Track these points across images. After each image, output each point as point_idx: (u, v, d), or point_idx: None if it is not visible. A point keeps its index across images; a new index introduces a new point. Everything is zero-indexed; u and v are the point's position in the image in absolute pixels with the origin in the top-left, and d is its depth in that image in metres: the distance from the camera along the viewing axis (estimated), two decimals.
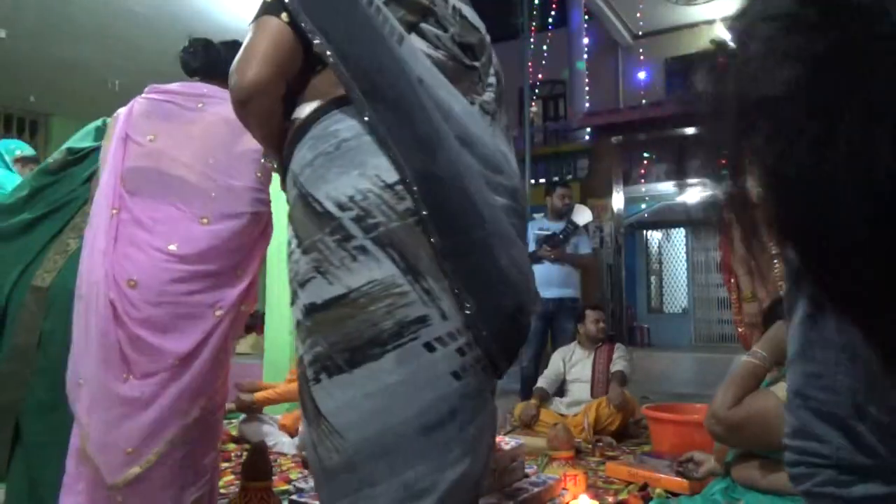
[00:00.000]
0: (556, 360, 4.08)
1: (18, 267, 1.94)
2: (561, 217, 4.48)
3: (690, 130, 0.43)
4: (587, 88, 9.58)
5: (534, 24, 8.38)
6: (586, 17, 9.72)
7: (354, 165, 1.04)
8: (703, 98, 0.40)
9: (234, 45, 1.37)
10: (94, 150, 2.07)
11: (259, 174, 1.66)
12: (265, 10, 1.08)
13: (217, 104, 1.70)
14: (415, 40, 1.13)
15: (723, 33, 0.43)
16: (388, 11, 1.10)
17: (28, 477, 1.81)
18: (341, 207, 1.03)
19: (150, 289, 1.54)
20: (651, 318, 10.56)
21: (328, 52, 1.04)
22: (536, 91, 9.96)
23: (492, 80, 1.24)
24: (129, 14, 4.29)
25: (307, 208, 1.06)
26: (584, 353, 4.03)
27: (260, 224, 1.76)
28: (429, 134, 1.05)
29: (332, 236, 1.03)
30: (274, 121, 1.13)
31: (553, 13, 9.64)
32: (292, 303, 1.11)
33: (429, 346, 1.02)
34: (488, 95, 1.21)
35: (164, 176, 1.63)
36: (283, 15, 1.05)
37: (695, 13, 9.12)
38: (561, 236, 4.38)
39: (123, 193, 1.66)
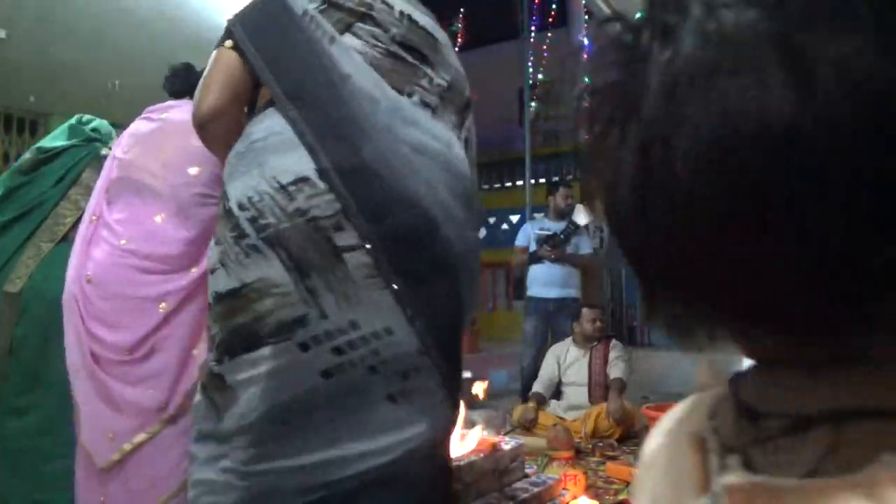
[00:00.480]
0: (550, 361, 4.03)
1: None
2: (562, 217, 4.47)
3: None
4: None
5: (534, 24, 8.38)
6: (586, 17, 9.72)
7: (255, 165, 1.13)
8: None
9: None
10: (66, 150, 2.07)
11: (216, 170, 1.69)
12: (220, 41, 1.22)
13: (176, 111, 1.83)
14: (348, 39, 1.20)
15: None
16: (323, 17, 1.19)
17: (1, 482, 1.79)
18: (240, 207, 1.12)
19: (102, 284, 1.62)
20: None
21: (256, 63, 1.15)
22: (537, 91, 9.95)
23: (441, 81, 1.28)
24: (128, 15, 4.29)
25: (221, 203, 1.17)
26: (579, 352, 3.97)
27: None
28: (353, 126, 1.12)
29: (232, 233, 1.12)
30: (231, 138, 1.23)
31: (553, 13, 9.64)
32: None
33: (303, 346, 1.07)
34: (432, 92, 1.25)
35: (133, 182, 1.73)
36: (229, 42, 1.19)
37: None
38: (562, 236, 4.36)
39: (103, 203, 1.76)
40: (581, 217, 4.47)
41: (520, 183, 6.97)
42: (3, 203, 2.03)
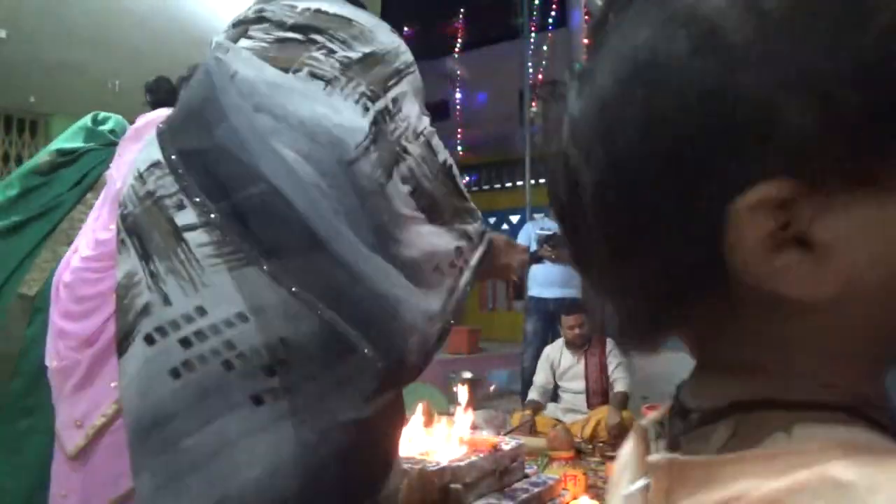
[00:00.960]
0: (545, 366, 3.97)
1: (4, 272, 1.93)
2: None
3: None
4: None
5: (534, 24, 8.38)
6: (586, 17, 9.73)
7: (135, 161, 1.13)
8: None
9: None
10: (85, 153, 2.07)
11: None
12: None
13: (151, 118, 1.89)
14: (242, 42, 1.21)
15: None
16: (225, 37, 1.23)
17: None
18: (121, 205, 1.10)
19: (72, 288, 1.73)
20: None
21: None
22: (536, 91, 9.96)
23: (350, 53, 1.22)
24: (128, 15, 4.29)
25: None
26: (573, 358, 3.89)
27: None
28: (210, 109, 1.09)
29: (117, 231, 1.10)
30: None
31: (553, 13, 9.64)
32: None
33: (149, 339, 0.97)
34: (328, 64, 1.19)
35: (113, 191, 1.81)
36: None
37: None
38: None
39: (94, 214, 1.88)
40: None
41: (520, 183, 6.97)
42: (19, 202, 2.04)
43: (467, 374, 4.63)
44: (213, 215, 0.99)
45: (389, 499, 1.10)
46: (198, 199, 1.00)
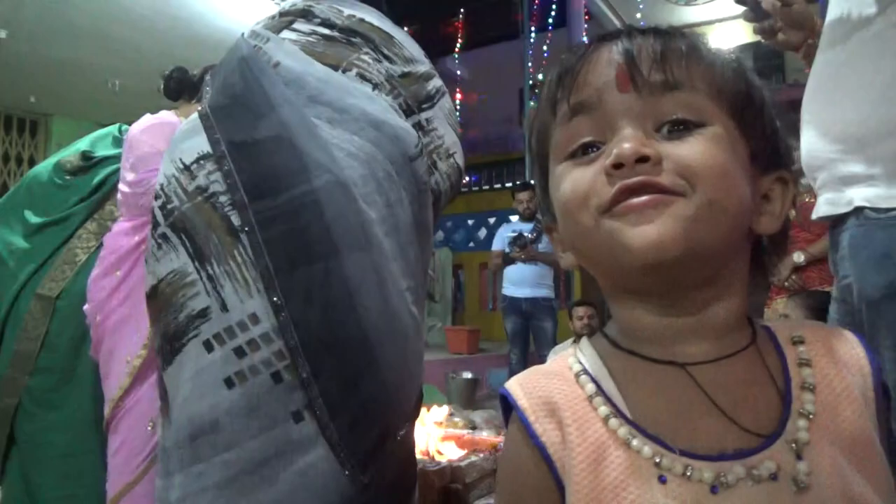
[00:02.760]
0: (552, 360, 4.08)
1: (25, 272, 1.95)
2: (532, 218, 4.56)
3: None
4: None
5: (534, 24, 8.39)
6: (586, 17, 9.73)
7: (170, 151, 1.08)
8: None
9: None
10: (110, 159, 2.11)
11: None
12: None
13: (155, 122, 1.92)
14: (286, 34, 1.20)
15: (722, 35, 0.48)
16: (263, 27, 1.21)
17: (23, 477, 1.83)
18: (156, 196, 1.04)
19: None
20: None
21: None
22: (536, 91, 9.94)
23: (392, 68, 1.23)
24: (129, 15, 4.29)
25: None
26: None
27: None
28: (258, 100, 1.06)
29: (151, 226, 1.04)
30: None
31: (553, 13, 9.64)
32: None
33: (207, 345, 0.93)
34: (375, 70, 1.20)
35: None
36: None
37: (695, 13, 9.13)
38: (530, 236, 4.45)
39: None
40: None
41: (520, 183, 6.96)
42: (43, 199, 2.08)
43: (467, 374, 4.63)
44: (249, 215, 0.95)
45: None
46: (242, 202, 0.96)
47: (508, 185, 9.36)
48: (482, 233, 8.95)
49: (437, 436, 2.36)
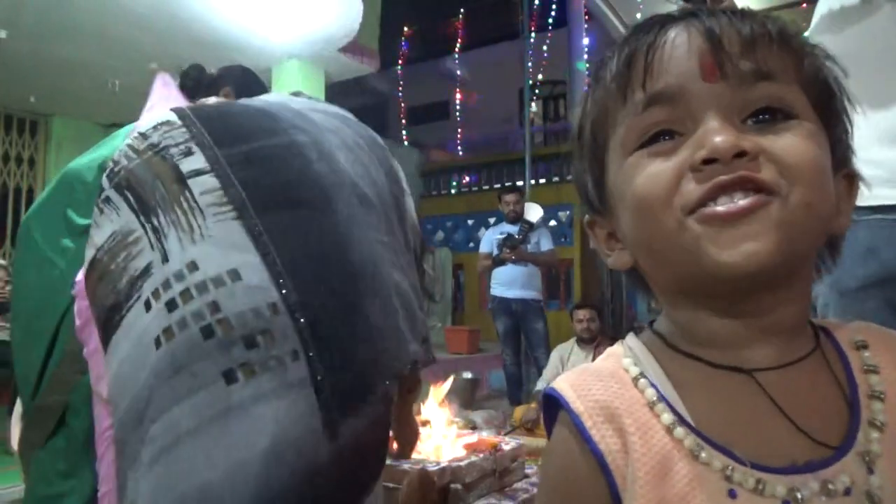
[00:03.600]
0: (555, 360, 4.08)
1: (77, 272, 1.96)
2: (517, 220, 4.58)
3: None
4: (587, 88, 9.58)
5: (534, 24, 8.38)
6: (586, 17, 9.73)
7: (133, 128, 1.02)
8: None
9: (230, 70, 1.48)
10: None
11: None
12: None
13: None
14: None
15: None
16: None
17: (68, 461, 1.86)
18: (107, 166, 0.97)
19: None
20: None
21: None
22: (536, 91, 9.97)
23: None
24: (129, 14, 4.28)
25: None
26: (582, 353, 4.01)
27: None
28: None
29: (97, 197, 0.95)
30: None
31: (553, 13, 9.64)
32: None
33: (147, 305, 0.83)
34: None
35: None
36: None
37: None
38: (518, 237, 4.46)
39: None
40: (532, 214, 4.59)
41: (520, 183, 6.97)
42: (87, 200, 2.07)
43: (467, 374, 4.64)
44: (217, 160, 0.87)
45: None
46: (206, 144, 0.88)
47: (508, 184, 9.36)
48: (482, 233, 8.96)
49: (438, 436, 2.36)
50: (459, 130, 10.88)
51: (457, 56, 11.18)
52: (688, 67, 0.43)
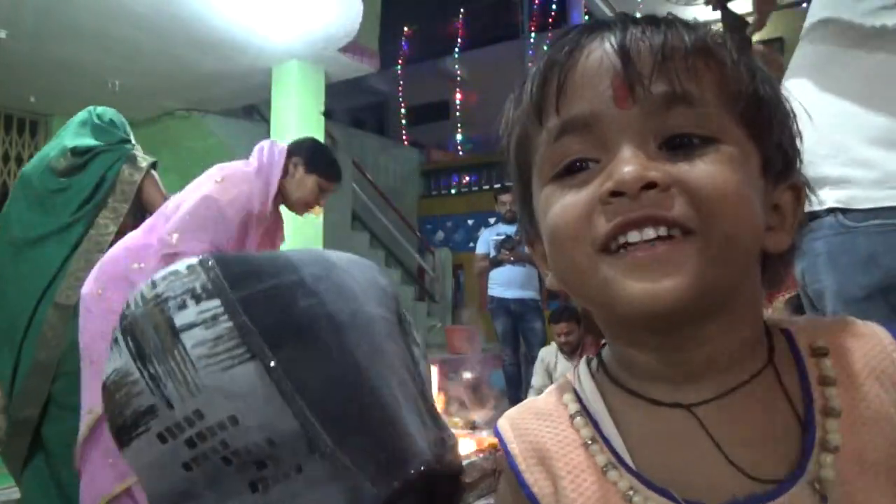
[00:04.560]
0: (540, 369, 4.02)
1: (41, 283, 1.96)
2: (513, 220, 4.59)
3: None
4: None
5: (534, 24, 8.39)
6: (586, 17, 9.73)
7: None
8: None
9: None
10: (99, 154, 2.10)
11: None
12: None
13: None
14: None
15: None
16: None
17: (54, 479, 1.86)
18: (126, 303, 1.09)
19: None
20: None
21: None
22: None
23: None
24: (129, 15, 4.28)
25: None
26: (567, 364, 3.93)
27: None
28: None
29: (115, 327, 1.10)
30: None
31: (553, 13, 9.64)
32: None
33: (161, 437, 0.96)
34: None
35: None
36: None
37: (694, 14, 9.13)
38: (517, 237, 4.48)
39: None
40: None
41: (502, 185, 6.98)
42: (40, 206, 2.08)
43: (467, 375, 4.64)
44: (227, 306, 0.97)
45: None
46: (203, 294, 0.98)
47: (508, 184, 9.35)
48: (482, 233, 8.95)
49: None
50: (459, 130, 10.88)
51: (457, 56, 11.17)
52: (601, 91, 0.40)
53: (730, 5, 1.27)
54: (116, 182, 2.12)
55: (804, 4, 1.42)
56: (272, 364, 0.90)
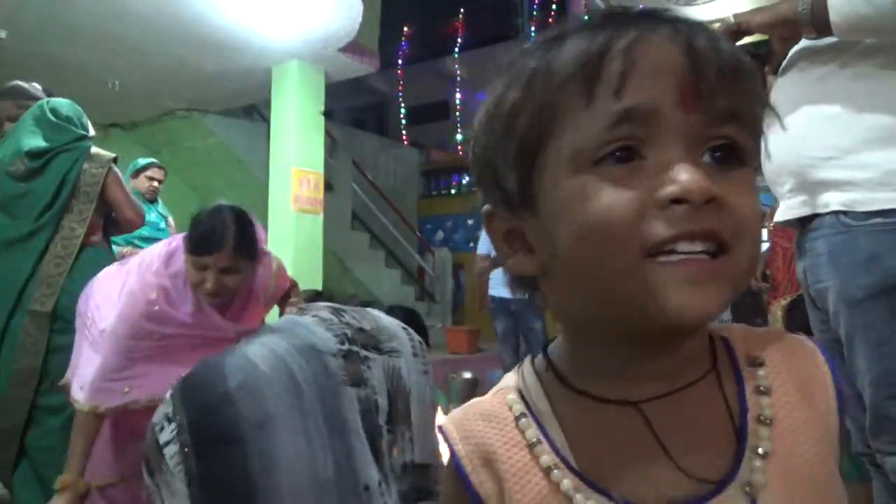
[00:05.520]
0: None
1: (11, 290, 1.95)
2: None
3: None
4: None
5: (534, 24, 8.39)
6: (586, 17, 9.71)
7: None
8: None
9: None
10: (56, 156, 2.08)
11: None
12: None
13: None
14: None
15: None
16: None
17: (39, 481, 1.84)
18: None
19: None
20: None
21: None
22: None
23: (358, 325, 1.53)
24: (129, 15, 4.28)
25: None
26: None
27: None
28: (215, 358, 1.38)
29: None
30: None
31: (553, 13, 9.64)
32: None
33: None
34: (337, 322, 1.54)
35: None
36: None
37: (695, 13, 9.12)
38: None
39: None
40: None
41: None
42: (7, 210, 2.05)
43: (467, 374, 4.64)
44: (181, 430, 1.23)
45: None
46: (176, 410, 1.25)
47: None
48: (482, 233, 8.94)
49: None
50: (459, 130, 10.87)
51: (457, 56, 11.17)
52: (666, 88, 0.39)
53: (728, 5, 1.27)
54: (78, 183, 2.08)
55: None
56: (191, 481, 1.21)
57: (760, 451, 0.42)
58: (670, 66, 0.39)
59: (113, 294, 1.70)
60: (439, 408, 2.75)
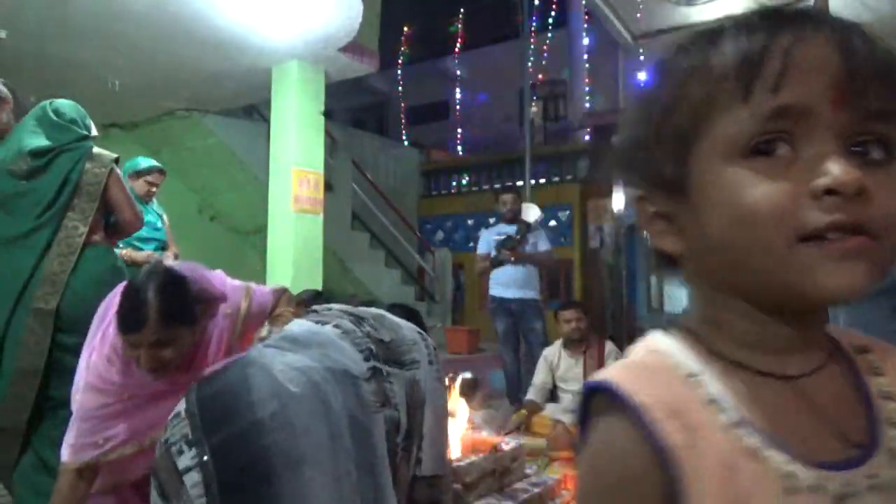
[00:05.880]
0: (543, 367, 3.98)
1: (13, 288, 1.95)
2: (514, 220, 4.59)
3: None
4: (587, 88, 9.58)
5: (534, 24, 8.39)
6: (586, 17, 9.73)
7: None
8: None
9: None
10: (58, 155, 2.08)
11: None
12: None
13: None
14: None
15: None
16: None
17: (44, 469, 1.84)
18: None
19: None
20: (651, 317, 10.55)
21: None
22: (536, 91, 9.96)
23: (377, 335, 1.55)
24: (129, 14, 4.28)
25: None
26: (571, 360, 3.90)
27: None
28: (234, 363, 1.34)
29: None
30: None
31: (553, 13, 9.65)
32: None
33: None
34: (355, 330, 1.53)
35: None
36: None
37: (695, 13, 9.12)
38: (518, 237, 4.46)
39: None
40: (530, 214, 4.59)
41: (520, 183, 6.97)
42: (8, 207, 2.05)
43: (467, 375, 4.64)
44: (204, 457, 1.18)
45: None
46: (196, 438, 1.20)
47: (508, 184, 9.36)
48: (482, 232, 8.96)
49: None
50: (459, 130, 10.88)
51: (457, 56, 11.18)
52: (819, 86, 0.42)
53: (728, 5, 1.27)
54: (81, 183, 2.09)
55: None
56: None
57: (894, 421, 0.47)
58: (825, 66, 0.42)
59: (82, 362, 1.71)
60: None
